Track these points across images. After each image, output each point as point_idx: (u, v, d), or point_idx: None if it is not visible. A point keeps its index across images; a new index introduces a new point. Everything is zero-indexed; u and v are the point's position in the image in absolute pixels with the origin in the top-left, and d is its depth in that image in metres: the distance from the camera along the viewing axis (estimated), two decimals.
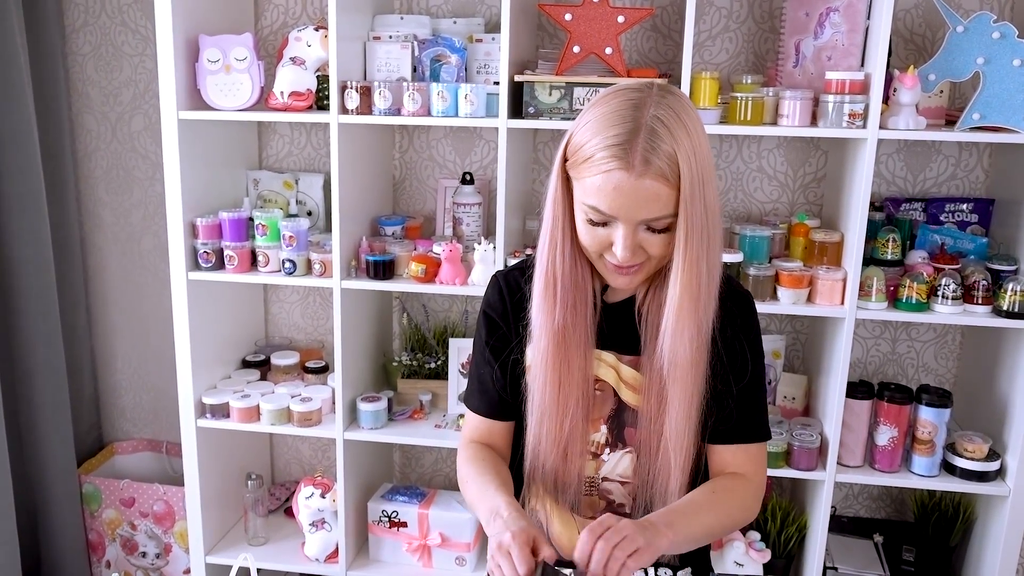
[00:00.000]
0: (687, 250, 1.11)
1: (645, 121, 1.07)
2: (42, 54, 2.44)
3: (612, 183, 1.07)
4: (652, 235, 1.12)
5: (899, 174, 2.27)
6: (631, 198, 1.08)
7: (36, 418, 2.49)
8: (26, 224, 2.37)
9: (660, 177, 1.06)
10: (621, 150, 1.06)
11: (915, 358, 2.38)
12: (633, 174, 1.06)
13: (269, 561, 2.36)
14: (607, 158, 1.07)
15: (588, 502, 1.31)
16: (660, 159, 1.06)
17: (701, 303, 1.15)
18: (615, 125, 1.08)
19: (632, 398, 1.26)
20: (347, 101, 2.05)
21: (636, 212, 1.09)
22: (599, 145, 1.08)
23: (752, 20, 2.24)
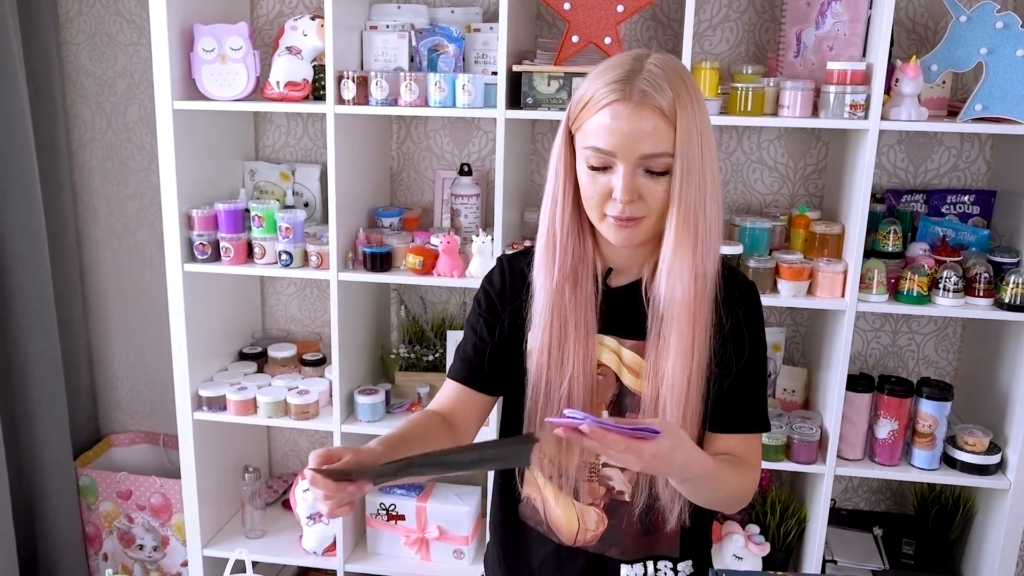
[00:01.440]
0: (683, 191, 1.11)
1: (645, 65, 1.11)
2: (36, 43, 2.42)
3: (610, 115, 1.09)
4: (651, 181, 1.11)
5: (900, 165, 2.26)
6: (629, 129, 1.08)
7: (32, 411, 2.48)
8: (20, 217, 2.36)
9: (657, 110, 1.08)
10: (620, 84, 1.09)
11: (916, 351, 2.37)
12: (631, 103, 1.08)
13: (267, 554, 2.35)
14: (607, 93, 1.10)
15: (588, 488, 1.30)
16: (658, 93, 1.08)
17: (699, 250, 1.14)
18: (615, 68, 1.12)
19: (634, 383, 1.25)
20: (343, 91, 2.03)
21: (634, 145, 1.09)
22: (599, 85, 1.11)
23: (753, 10, 2.22)
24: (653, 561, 1.33)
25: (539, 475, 1.32)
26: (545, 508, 1.33)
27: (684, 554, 1.35)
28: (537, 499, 1.34)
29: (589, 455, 1.27)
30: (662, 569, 1.33)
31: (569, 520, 1.31)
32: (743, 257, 2.04)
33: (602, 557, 1.32)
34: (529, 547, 1.36)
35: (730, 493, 1.23)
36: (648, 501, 1.28)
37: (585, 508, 1.31)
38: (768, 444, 2.07)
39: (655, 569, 1.33)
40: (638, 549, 1.32)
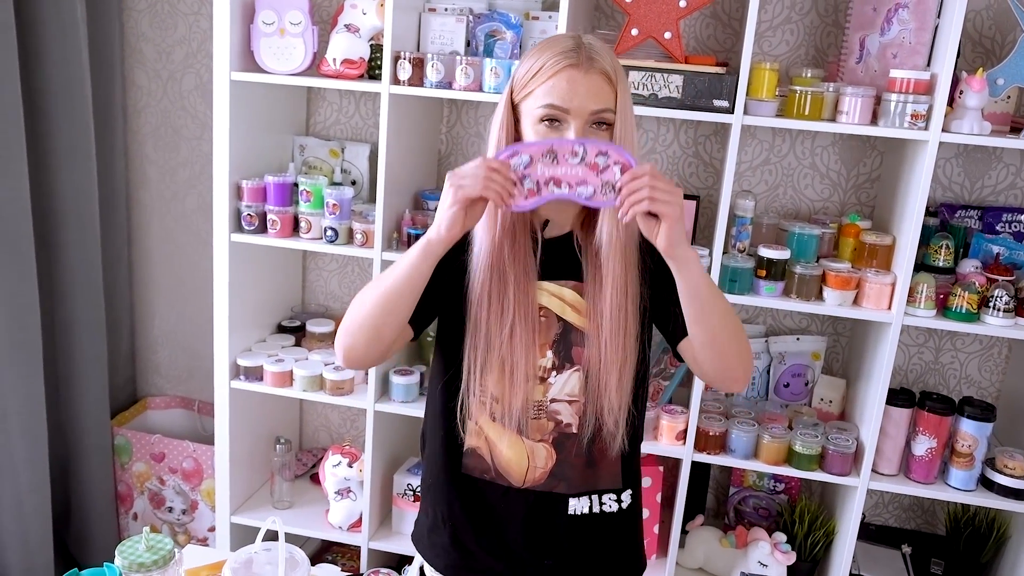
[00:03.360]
0: (624, 136, 1.26)
1: (583, 41, 1.27)
2: (99, 8, 2.45)
3: (565, 79, 1.24)
4: (596, 133, 1.26)
5: (956, 180, 2.21)
6: (583, 89, 1.24)
7: (74, 369, 2.53)
8: (74, 177, 2.40)
9: (603, 74, 1.25)
10: (571, 54, 1.25)
11: (958, 369, 2.33)
12: (582, 70, 1.24)
13: (293, 526, 2.38)
14: (558, 61, 1.24)
15: (536, 425, 1.37)
16: (603, 61, 1.26)
17: None
18: (559, 44, 1.27)
19: (577, 319, 1.35)
20: (399, 72, 2.03)
21: (587, 102, 1.24)
22: (548, 57, 1.25)
23: (815, 13, 2.18)
24: (598, 495, 1.40)
25: (485, 420, 1.37)
26: (492, 453, 1.39)
27: (625, 483, 1.42)
28: (482, 447, 1.39)
29: (536, 394, 1.36)
30: (607, 502, 1.41)
31: (519, 460, 1.38)
32: (789, 263, 2.02)
33: (550, 495, 1.39)
34: (476, 498, 1.41)
35: (734, 320, 1.30)
36: (594, 430, 1.36)
37: (534, 445, 1.38)
38: (801, 453, 2.05)
39: (599, 502, 1.41)
40: (583, 482, 1.39)
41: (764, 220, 2.17)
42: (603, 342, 1.31)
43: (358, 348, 1.32)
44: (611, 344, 1.31)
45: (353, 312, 1.32)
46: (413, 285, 1.26)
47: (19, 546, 2.31)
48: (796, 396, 2.32)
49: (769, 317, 2.38)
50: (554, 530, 1.40)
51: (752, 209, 2.09)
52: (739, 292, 2.01)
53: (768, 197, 2.31)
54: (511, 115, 1.31)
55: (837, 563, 2.14)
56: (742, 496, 2.42)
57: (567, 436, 1.37)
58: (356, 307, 1.32)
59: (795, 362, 2.30)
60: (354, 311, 1.32)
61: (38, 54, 2.26)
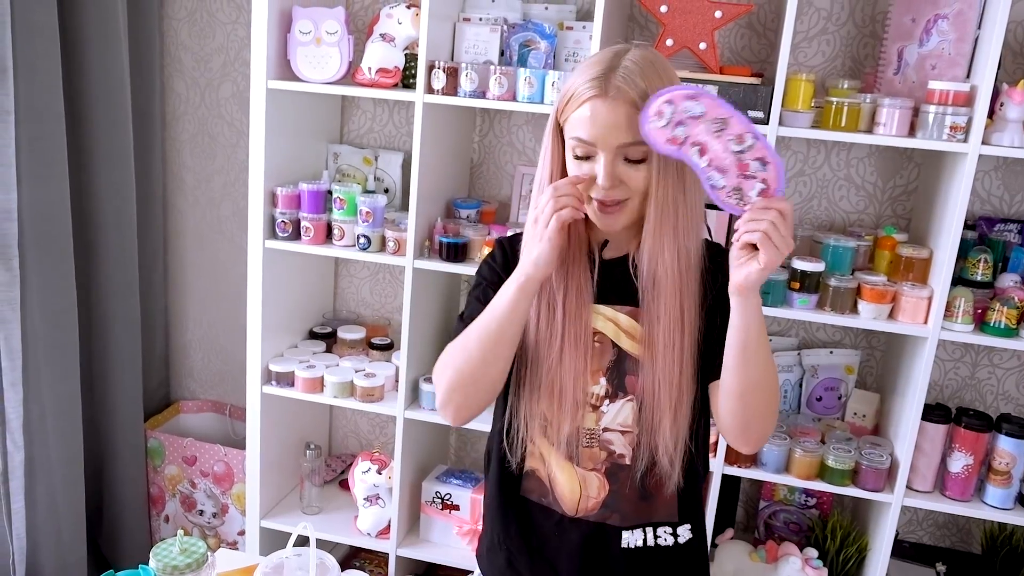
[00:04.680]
0: (661, 177, 1.20)
1: (622, 61, 1.19)
2: (140, 17, 2.50)
3: (590, 110, 1.18)
4: (630, 167, 1.20)
5: (995, 193, 2.18)
6: (607, 122, 1.17)
7: (108, 370, 2.56)
8: (114, 181, 2.44)
9: (631, 104, 1.16)
10: (599, 81, 1.18)
11: (995, 385, 2.29)
12: (607, 100, 1.17)
13: (321, 531, 2.39)
14: (586, 89, 1.18)
15: (588, 454, 1.34)
16: (632, 88, 1.16)
17: (680, 228, 1.23)
18: (595, 66, 1.20)
19: (632, 346, 1.30)
20: (433, 81, 2.05)
21: (612, 136, 1.17)
22: (580, 81, 1.20)
23: (852, 23, 2.17)
24: (652, 528, 1.35)
25: (544, 443, 1.34)
26: (550, 478, 1.36)
27: (683, 518, 1.37)
28: (541, 470, 1.36)
29: (588, 421, 1.31)
30: (662, 535, 1.36)
31: (572, 488, 1.35)
32: (824, 275, 2.00)
33: (603, 526, 1.35)
34: (531, 523, 1.39)
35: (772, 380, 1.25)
36: (648, 463, 1.31)
37: (586, 474, 1.34)
38: (834, 468, 2.03)
39: (655, 536, 1.36)
40: (637, 514, 1.35)
41: (798, 232, 2.16)
42: (657, 376, 1.26)
43: (470, 404, 1.30)
44: (664, 380, 1.26)
45: (452, 370, 1.29)
46: (516, 326, 1.25)
47: (52, 545, 2.35)
48: (829, 410, 2.29)
49: (802, 330, 2.36)
50: (607, 563, 1.36)
51: None
52: (772, 304, 2.00)
53: (802, 208, 2.29)
54: (559, 138, 1.26)
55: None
56: (772, 510, 2.40)
57: (620, 467, 1.33)
58: (455, 364, 1.28)
59: (828, 375, 2.28)
60: (454, 369, 1.28)
61: (80, 62, 2.31)
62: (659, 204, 1.21)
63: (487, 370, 1.27)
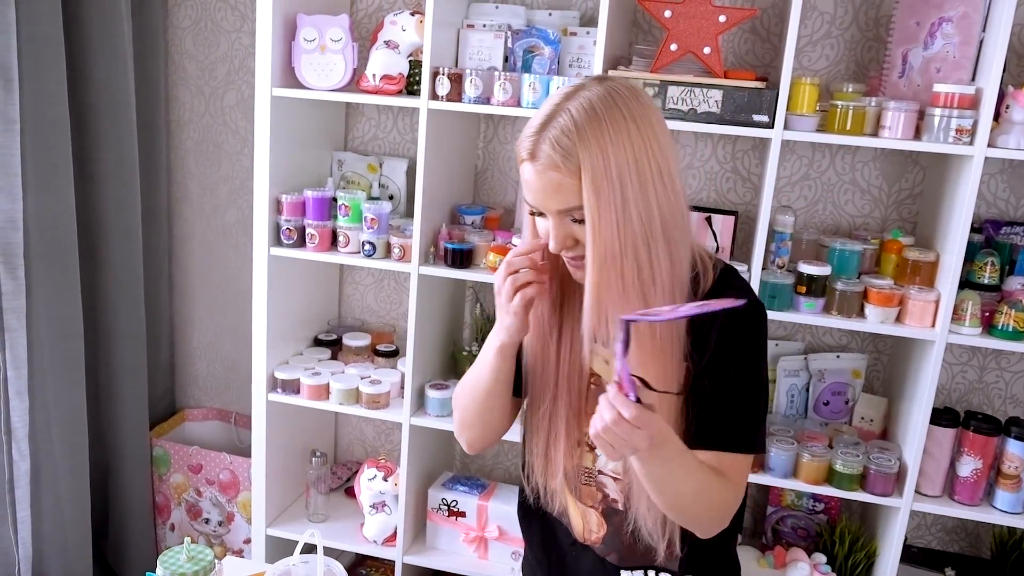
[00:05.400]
0: (595, 242, 1.08)
1: (559, 114, 1.09)
2: (144, 26, 2.51)
3: (527, 172, 1.12)
4: (579, 226, 1.11)
5: (1001, 195, 2.18)
6: (538, 187, 1.10)
7: (114, 378, 2.56)
8: (118, 190, 2.44)
9: (556, 168, 1.07)
10: (530, 142, 1.10)
11: (1003, 388, 2.28)
12: (536, 165, 1.09)
13: (328, 539, 2.38)
14: (522, 148, 1.12)
15: (587, 492, 1.34)
16: (557, 151, 1.07)
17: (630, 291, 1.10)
18: (537, 116, 1.12)
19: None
20: (438, 87, 2.05)
21: (546, 201, 1.10)
22: (522, 136, 1.13)
23: (856, 27, 2.17)
24: (655, 571, 1.33)
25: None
26: (563, 504, 1.37)
27: (685, 570, 1.32)
28: (556, 490, 1.37)
29: (587, 460, 1.31)
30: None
31: (576, 519, 1.36)
32: (830, 279, 1.99)
33: (605, 561, 1.36)
34: (553, 537, 1.41)
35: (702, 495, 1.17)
36: (637, 518, 1.26)
37: (587, 510, 1.34)
38: (842, 472, 2.02)
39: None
40: (634, 558, 1.33)
41: (804, 236, 2.15)
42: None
43: (481, 439, 1.37)
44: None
45: (458, 412, 1.37)
46: (501, 384, 1.28)
47: (59, 554, 2.34)
48: (836, 414, 2.28)
49: (808, 334, 2.35)
50: None
51: (792, 225, 2.07)
52: (778, 308, 1.99)
53: (807, 213, 2.29)
54: None
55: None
56: (780, 516, 2.38)
57: (615, 511, 1.32)
58: (458, 407, 1.37)
59: (835, 380, 2.27)
60: (458, 411, 1.37)
61: (85, 71, 2.31)
62: (595, 268, 1.10)
63: (485, 416, 1.32)
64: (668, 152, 1.12)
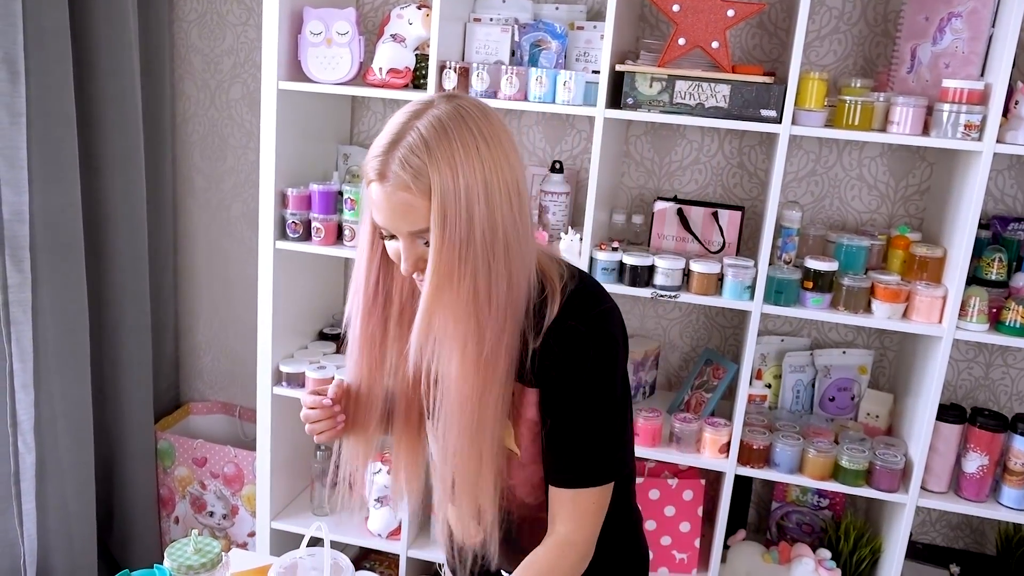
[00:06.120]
0: (437, 263, 1.06)
1: (407, 133, 1.06)
2: (150, 20, 2.50)
3: (374, 193, 1.08)
4: (427, 247, 1.09)
5: (1009, 192, 2.17)
6: (387, 209, 1.07)
7: (119, 372, 2.56)
8: (124, 184, 2.44)
9: (407, 189, 1.05)
10: (378, 161, 1.06)
11: (1010, 385, 2.27)
12: (384, 185, 1.06)
13: (332, 532, 2.34)
14: (369, 169, 1.08)
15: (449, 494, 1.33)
16: (407, 172, 1.04)
17: (469, 324, 1.09)
18: (384, 135, 1.08)
19: None
20: (445, 81, 2.04)
21: (395, 224, 1.08)
22: (370, 155, 1.09)
23: (864, 22, 2.16)
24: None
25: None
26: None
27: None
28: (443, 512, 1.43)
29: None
30: None
31: (455, 523, 1.37)
32: (837, 275, 1.99)
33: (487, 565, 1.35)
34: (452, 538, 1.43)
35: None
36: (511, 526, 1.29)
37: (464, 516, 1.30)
38: (848, 468, 2.01)
39: None
40: (511, 563, 1.29)
41: (810, 231, 2.15)
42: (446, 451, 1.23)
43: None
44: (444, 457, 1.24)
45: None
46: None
47: (64, 547, 2.35)
48: (842, 410, 2.28)
49: (814, 329, 2.35)
50: None
51: (799, 220, 2.06)
52: (785, 304, 1.99)
53: (814, 208, 2.28)
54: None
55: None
56: (785, 511, 2.38)
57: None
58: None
59: (841, 376, 2.27)
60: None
61: (91, 65, 2.31)
62: (431, 292, 1.09)
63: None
64: (518, 173, 1.10)
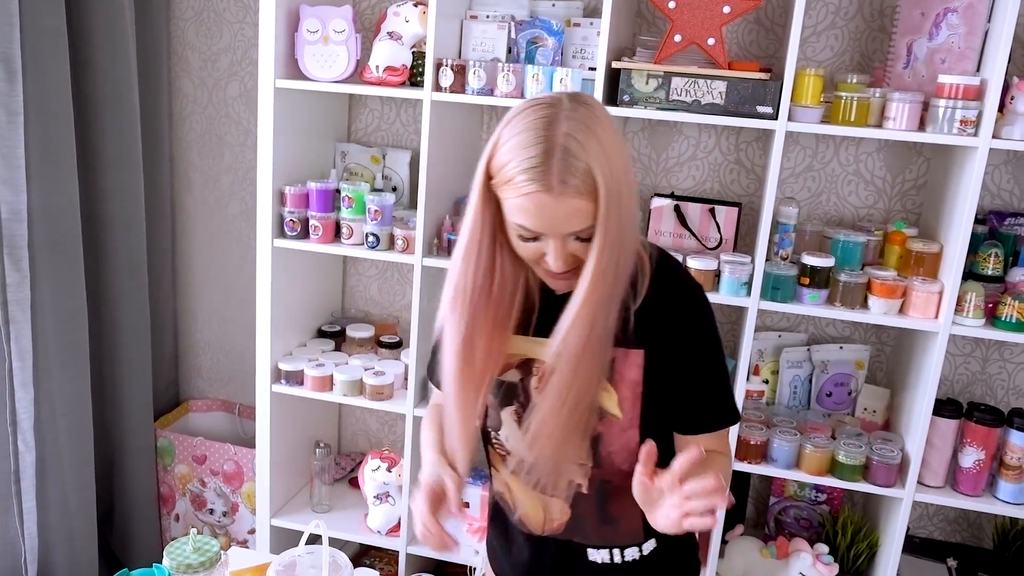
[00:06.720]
0: (599, 260, 1.13)
1: (558, 140, 1.09)
2: (147, 18, 2.50)
3: (534, 204, 1.10)
4: (581, 243, 1.15)
5: (1005, 187, 2.17)
6: (554, 217, 1.11)
7: (118, 370, 2.57)
8: (122, 183, 2.44)
9: (578, 194, 1.09)
10: (539, 172, 1.08)
11: (1006, 380, 2.28)
12: (553, 195, 1.09)
13: (332, 529, 2.39)
14: (526, 181, 1.09)
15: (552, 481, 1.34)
16: (576, 177, 1.08)
17: (605, 302, 1.16)
18: (530, 146, 1.10)
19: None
20: (441, 79, 2.05)
21: (561, 228, 1.12)
22: (517, 168, 1.10)
23: (861, 18, 2.16)
24: (619, 549, 1.37)
25: (505, 471, 1.38)
26: (515, 501, 1.39)
27: (648, 535, 1.37)
28: (506, 494, 1.40)
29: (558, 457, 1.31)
30: (628, 555, 1.37)
31: (536, 512, 1.37)
32: (834, 270, 1.99)
33: (570, 543, 1.38)
34: (508, 534, 1.44)
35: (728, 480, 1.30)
36: (606, 493, 1.32)
37: (549, 499, 1.36)
38: (845, 463, 2.02)
39: (621, 555, 1.37)
40: (600, 537, 1.37)
41: (807, 227, 2.15)
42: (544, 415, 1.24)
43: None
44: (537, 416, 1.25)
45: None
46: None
47: (64, 544, 2.36)
48: (839, 405, 2.29)
49: (811, 325, 2.35)
50: (578, 571, 1.40)
51: (795, 216, 2.07)
52: (782, 300, 1.99)
53: (811, 204, 2.29)
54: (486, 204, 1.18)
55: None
56: (783, 506, 2.39)
57: (579, 495, 1.34)
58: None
59: (838, 371, 2.27)
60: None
61: (88, 63, 2.31)
62: (592, 283, 1.15)
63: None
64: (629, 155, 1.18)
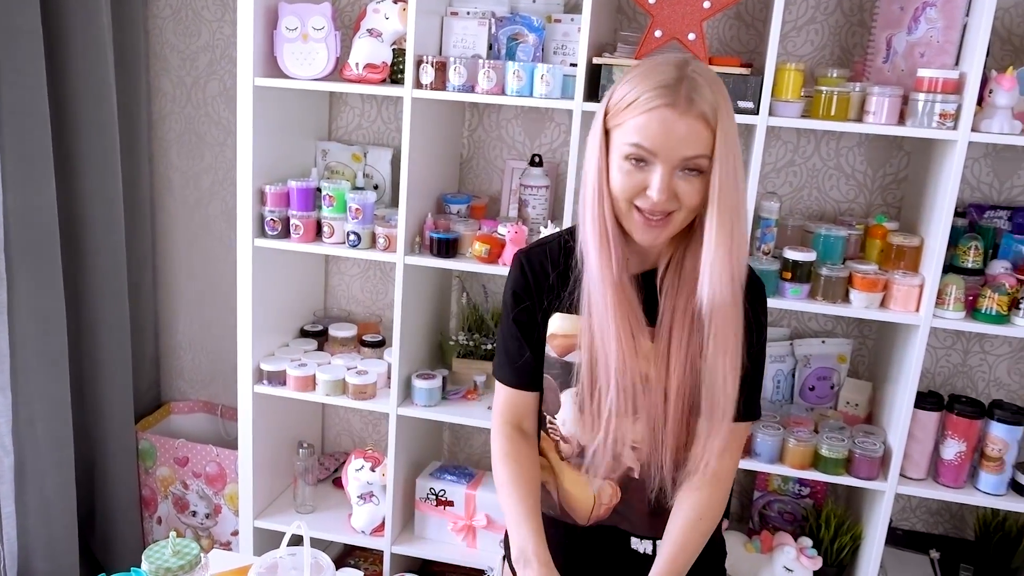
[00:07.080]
0: (722, 194, 1.17)
1: (687, 73, 1.16)
2: (124, 17, 2.48)
3: (657, 119, 1.14)
4: (686, 180, 1.17)
5: (985, 180, 2.19)
6: (675, 133, 1.14)
7: (99, 373, 2.54)
8: (100, 183, 2.42)
9: (701, 118, 1.14)
10: (668, 90, 1.15)
11: (987, 372, 2.30)
12: (678, 111, 1.14)
13: (316, 530, 2.38)
14: (654, 97, 1.15)
15: (606, 464, 1.35)
16: (703, 102, 1.15)
17: (735, 252, 1.20)
18: (661, 74, 1.17)
19: (646, 366, 1.29)
20: (422, 76, 2.03)
21: (678, 148, 1.15)
22: (645, 88, 1.16)
23: (840, 12, 2.17)
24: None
25: (553, 457, 1.38)
26: (559, 490, 1.39)
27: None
28: (550, 482, 1.39)
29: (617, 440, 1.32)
30: None
31: (585, 497, 1.37)
32: (815, 265, 2.00)
33: (614, 529, 1.39)
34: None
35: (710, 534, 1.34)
36: (658, 483, 1.33)
37: (598, 483, 1.37)
38: (828, 457, 2.03)
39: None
40: (647, 528, 1.38)
41: (789, 222, 2.16)
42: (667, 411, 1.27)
43: None
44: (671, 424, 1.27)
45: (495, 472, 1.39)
46: None
47: (45, 549, 2.33)
48: (821, 399, 2.30)
49: (793, 320, 2.36)
50: (617, 562, 1.40)
51: (777, 211, 2.07)
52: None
53: (792, 199, 2.29)
54: (604, 142, 1.22)
55: (864, 568, 2.12)
56: (766, 500, 2.40)
57: (631, 480, 1.36)
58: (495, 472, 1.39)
59: (820, 365, 2.28)
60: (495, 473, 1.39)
61: (65, 63, 2.28)
62: (719, 222, 1.18)
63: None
64: None
